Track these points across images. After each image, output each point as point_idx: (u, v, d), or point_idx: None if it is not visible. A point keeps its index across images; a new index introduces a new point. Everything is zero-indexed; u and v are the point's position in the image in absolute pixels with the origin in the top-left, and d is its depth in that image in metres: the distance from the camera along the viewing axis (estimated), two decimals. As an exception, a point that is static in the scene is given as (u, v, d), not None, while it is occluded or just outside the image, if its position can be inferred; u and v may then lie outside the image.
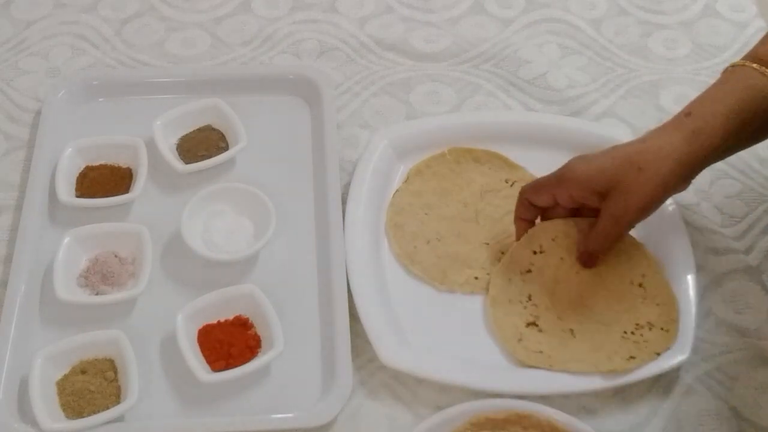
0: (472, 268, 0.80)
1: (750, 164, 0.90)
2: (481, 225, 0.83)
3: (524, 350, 0.74)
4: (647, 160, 0.70)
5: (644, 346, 0.73)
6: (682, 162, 0.70)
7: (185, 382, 0.72)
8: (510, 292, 0.77)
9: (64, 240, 0.78)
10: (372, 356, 0.74)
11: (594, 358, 0.73)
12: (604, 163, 0.72)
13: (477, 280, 0.79)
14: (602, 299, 0.76)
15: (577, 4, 1.05)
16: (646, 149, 0.71)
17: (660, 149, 0.71)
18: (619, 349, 0.73)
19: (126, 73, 0.96)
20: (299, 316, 0.77)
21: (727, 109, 0.71)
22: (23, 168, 0.87)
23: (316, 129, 0.90)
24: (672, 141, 0.71)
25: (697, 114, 0.71)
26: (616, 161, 0.72)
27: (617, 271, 0.78)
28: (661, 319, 0.75)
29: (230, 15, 1.03)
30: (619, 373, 0.72)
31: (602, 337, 0.74)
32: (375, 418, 0.72)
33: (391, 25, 1.02)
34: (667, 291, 0.77)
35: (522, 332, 0.75)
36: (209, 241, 0.80)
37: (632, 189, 0.71)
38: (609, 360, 0.73)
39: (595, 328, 0.75)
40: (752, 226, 0.85)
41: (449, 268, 0.80)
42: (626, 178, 0.71)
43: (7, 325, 0.74)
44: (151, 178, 0.84)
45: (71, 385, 0.71)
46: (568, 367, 0.73)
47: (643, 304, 0.76)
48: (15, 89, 0.94)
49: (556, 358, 0.73)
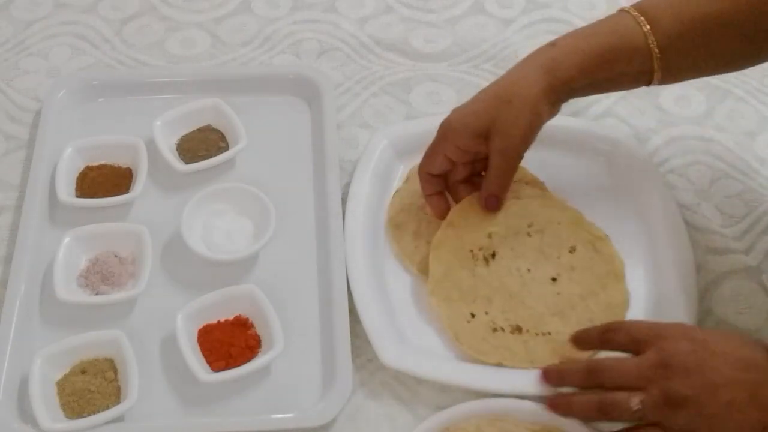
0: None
1: (750, 164, 0.90)
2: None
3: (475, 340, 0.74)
4: (513, 92, 0.74)
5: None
6: (545, 90, 0.73)
7: (185, 382, 0.72)
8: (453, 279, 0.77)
9: (64, 240, 0.78)
10: (372, 356, 0.74)
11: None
12: (476, 106, 0.75)
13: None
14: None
15: (577, 4, 1.06)
16: (511, 83, 0.75)
17: (523, 80, 0.74)
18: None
19: (126, 73, 0.96)
20: (299, 316, 0.77)
21: (589, 47, 0.73)
22: (23, 168, 0.87)
23: (316, 129, 0.90)
24: (533, 71, 0.74)
25: (561, 46, 0.75)
26: (487, 102, 0.75)
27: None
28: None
29: (230, 15, 1.03)
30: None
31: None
32: (375, 418, 0.72)
33: (390, 25, 1.02)
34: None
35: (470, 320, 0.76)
36: (209, 241, 0.80)
37: (508, 122, 0.73)
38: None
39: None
40: (752, 226, 0.85)
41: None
42: (500, 114, 0.73)
43: (7, 325, 0.74)
44: (151, 178, 0.84)
45: (71, 385, 0.71)
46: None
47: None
48: (15, 89, 0.94)
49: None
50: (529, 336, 0.74)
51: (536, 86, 0.73)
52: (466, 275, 0.77)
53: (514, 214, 0.80)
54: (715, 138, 0.92)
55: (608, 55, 0.73)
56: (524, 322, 0.75)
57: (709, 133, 0.93)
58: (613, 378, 0.66)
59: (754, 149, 0.91)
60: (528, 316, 0.75)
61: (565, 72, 0.74)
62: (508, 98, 0.74)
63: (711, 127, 0.93)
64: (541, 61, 0.74)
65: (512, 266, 0.77)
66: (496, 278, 0.77)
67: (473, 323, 0.75)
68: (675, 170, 0.89)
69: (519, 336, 0.74)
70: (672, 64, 0.74)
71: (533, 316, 0.75)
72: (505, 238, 0.78)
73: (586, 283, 0.77)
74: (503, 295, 0.76)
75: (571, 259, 0.78)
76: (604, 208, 0.84)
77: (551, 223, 0.79)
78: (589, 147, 0.88)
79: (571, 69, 0.74)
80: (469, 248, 0.78)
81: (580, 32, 0.76)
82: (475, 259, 0.77)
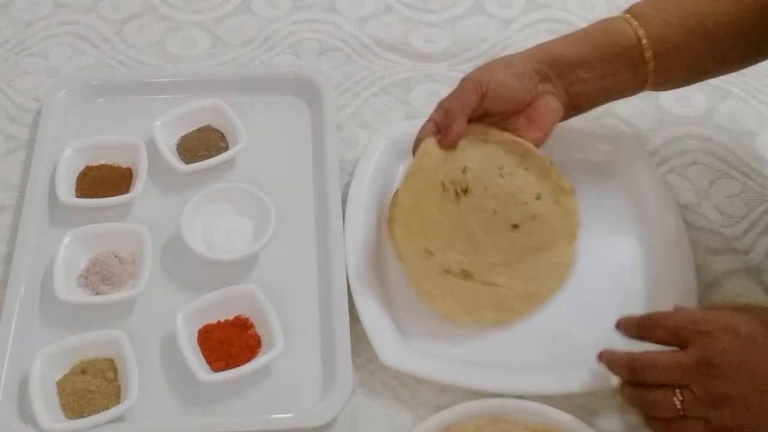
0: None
1: (750, 164, 0.90)
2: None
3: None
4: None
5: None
6: (529, 55, 0.78)
7: (185, 382, 0.72)
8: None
9: (64, 240, 0.78)
10: (372, 356, 0.74)
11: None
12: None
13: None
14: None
15: (577, 4, 1.06)
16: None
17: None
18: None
19: (126, 73, 0.96)
20: (299, 316, 0.77)
21: (577, 38, 0.78)
22: (23, 168, 0.87)
23: (316, 129, 0.90)
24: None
25: (556, 42, 0.78)
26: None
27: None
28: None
29: (230, 15, 1.03)
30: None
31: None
32: (375, 418, 0.72)
33: (390, 25, 1.02)
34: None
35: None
36: (209, 241, 0.80)
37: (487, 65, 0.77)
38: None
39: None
40: (752, 226, 0.85)
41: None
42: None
43: (7, 325, 0.74)
44: (151, 178, 0.84)
45: (71, 385, 0.71)
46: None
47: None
48: (15, 89, 0.94)
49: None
50: (475, 284, 0.74)
51: (520, 53, 0.78)
52: (432, 209, 0.75)
53: (487, 153, 0.78)
54: (715, 138, 0.92)
55: (599, 47, 0.76)
56: (474, 268, 0.74)
57: (709, 133, 0.93)
58: (654, 376, 0.65)
59: (754, 149, 0.92)
60: (480, 263, 0.75)
61: (550, 47, 0.77)
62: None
63: (711, 127, 0.93)
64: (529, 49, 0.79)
65: (480, 205, 0.77)
66: (460, 217, 0.76)
67: (429, 262, 0.74)
68: (675, 170, 0.89)
69: (466, 283, 0.74)
70: (665, 67, 0.75)
71: (485, 264, 0.75)
72: (479, 176, 0.77)
73: (541, 236, 0.77)
74: (463, 235, 0.75)
75: (535, 207, 0.78)
76: (604, 207, 0.84)
77: (519, 167, 0.79)
78: (589, 147, 0.88)
79: (556, 46, 0.78)
80: (442, 180, 0.76)
81: (571, 33, 0.79)
82: (445, 192, 0.76)
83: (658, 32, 0.75)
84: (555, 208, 0.79)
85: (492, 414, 0.70)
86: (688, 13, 0.75)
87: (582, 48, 0.77)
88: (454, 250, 0.75)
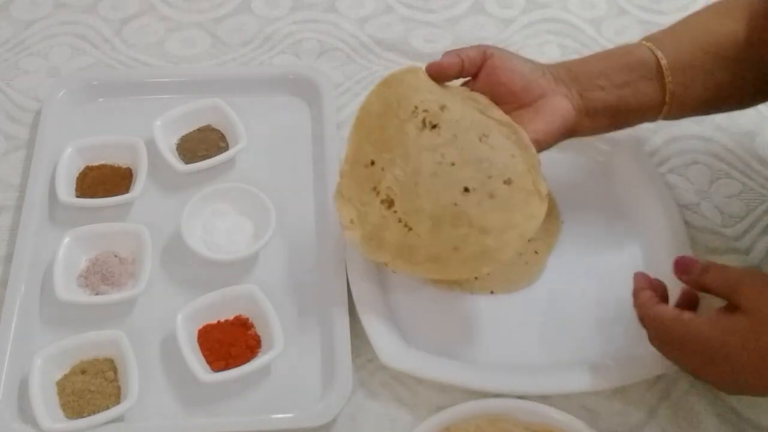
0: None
1: (750, 164, 0.90)
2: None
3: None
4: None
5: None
6: (544, 65, 0.77)
7: (185, 382, 0.72)
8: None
9: (64, 240, 0.78)
10: (372, 356, 0.74)
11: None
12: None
13: (477, 280, 0.79)
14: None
15: (577, 4, 1.06)
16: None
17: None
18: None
19: (126, 73, 0.96)
20: (299, 316, 0.77)
21: (597, 56, 0.77)
22: (23, 168, 0.87)
23: (316, 129, 0.90)
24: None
25: (579, 63, 0.77)
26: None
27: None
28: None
29: (230, 15, 1.03)
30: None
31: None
32: (375, 418, 0.72)
33: (391, 25, 1.02)
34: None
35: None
36: (209, 241, 0.80)
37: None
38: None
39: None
40: (752, 226, 0.85)
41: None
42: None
43: (7, 325, 0.74)
44: (151, 178, 0.84)
45: (71, 385, 0.71)
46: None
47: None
48: (15, 89, 0.94)
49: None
50: (391, 217, 0.70)
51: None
52: (395, 125, 0.71)
53: (476, 119, 0.72)
54: (715, 138, 0.92)
55: (616, 60, 0.75)
56: (400, 203, 0.69)
57: (709, 133, 0.93)
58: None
59: (754, 149, 0.92)
60: (409, 201, 0.69)
61: (565, 62, 0.76)
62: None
63: (711, 127, 0.93)
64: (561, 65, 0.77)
65: (439, 151, 0.70)
66: (416, 148, 0.70)
67: (368, 170, 0.71)
68: (675, 170, 0.89)
69: (386, 210, 0.70)
70: (682, 82, 0.74)
71: (413, 207, 0.69)
72: (455, 122, 0.70)
73: (488, 219, 0.68)
74: (409, 167, 0.69)
75: (498, 189, 0.69)
76: (604, 208, 0.84)
77: (504, 150, 0.70)
78: (589, 147, 0.88)
79: (572, 61, 0.76)
80: (416, 104, 0.71)
81: (595, 55, 0.78)
82: (414, 116, 0.71)
83: (674, 51, 0.74)
84: (520, 206, 0.69)
85: (492, 414, 0.70)
86: (702, 34, 0.75)
87: (599, 62, 0.76)
88: (393, 174, 0.69)
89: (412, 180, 0.69)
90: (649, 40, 0.76)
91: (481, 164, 0.69)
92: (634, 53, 0.75)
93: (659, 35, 0.77)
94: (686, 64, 0.74)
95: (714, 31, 0.75)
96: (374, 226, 0.71)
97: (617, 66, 0.75)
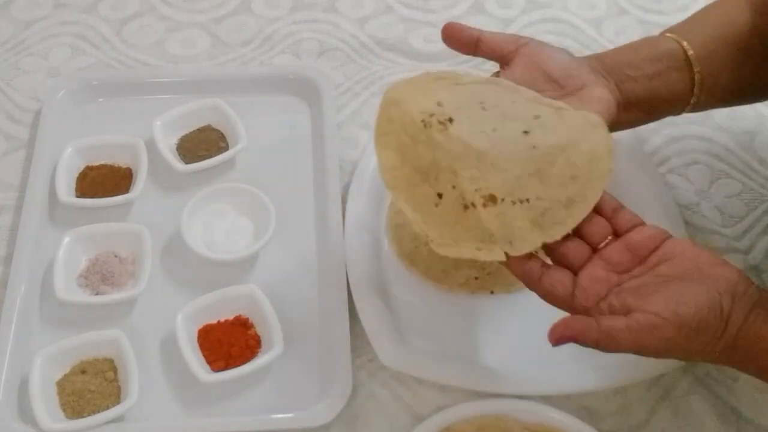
0: (472, 267, 0.80)
1: (750, 164, 0.90)
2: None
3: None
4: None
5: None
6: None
7: (185, 382, 0.72)
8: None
9: (64, 240, 0.78)
10: (372, 356, 0.74)
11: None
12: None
13: (477, 280, 0.79)
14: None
15: (577, 4, 1.06)
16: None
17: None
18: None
19: (126, 73, 0.96)
20: (299, 316, 0.77)
21: (622, 49, 0.74)
22: (23, 168, 0.87)
23: (316, 129, 0.90)
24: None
25: (608, 55, 0.74)
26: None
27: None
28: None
29: (230, 15, 1.03)
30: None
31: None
32: (375, 418, 0.72)
33: (391, 25, 1.02)
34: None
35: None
36: (209, 241, 0.80)
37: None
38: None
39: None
40: (752, 226, 0.85)
41: (449, 268, 0.80)
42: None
43: (7, 325, 0.74)
44: (151, 178, 0.84)
45: (71, 385, 0.71)
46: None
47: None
48: (15, 89, 0.94)
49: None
50: (505, 206, 0.62)
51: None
52: (423, 149, 0.64)
53: (462, 92, 0.67)
54: (715, 138, 0.92)
55: (643, 50, 0.74)
56: (498, 189, 0.62)
57: (709, 133, 0.93)
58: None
59: (754, 149, 0.92)
60: (502, 180, 0.63)
61: (598, 54, 0.74)
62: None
63: (710, 127, 0.93)
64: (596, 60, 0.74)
65: (474, 129, 0.64)
66: (458, 142, 0.64)
67: (442, 206, 0.64)
68: (675, 170, 0.89)
69: (493, 208, 0.62)
70: (709, 72, 0.73)
71: (508, 179, 0.63)
72: (458, 109, 0.65)
73: (563, 133, 0.64)
74: (470, 159, 0.63)
75: (537, 122, 0.65)
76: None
77: (504, 101, 0.67)
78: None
79: (600, 53, 0.74)
80: (420, 118, 0.65)
81: (624, 46, 0.76)
82: (428, 127, 0.64)
83: (698, 41, 0.73)
84: (562, 115, 0.66)
85: (492, 414, 0.70)
86: (723, 24, 0.75)
87: (627, 53, 0.74)
88: (466, 178, 0.63)
89: (487, 166, 0.63)
90: (671, 32, 0.75)
91: (506, 117, 0.65)
92: (660, 44, 0.74)
93: (680, 27, 0.76)
94: (712, 53, 0.73)
95: (734, 21, 0.75)
96: (502, 235, 0.63)
97: (646, 57, 0.73)
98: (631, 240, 0.63)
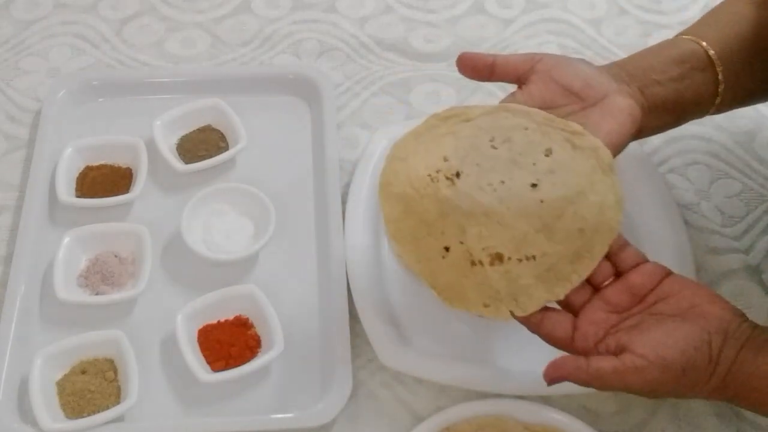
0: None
1: (750, 164, 0.90)
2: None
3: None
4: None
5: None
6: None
7: (185, 382, 0.72)
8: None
9: (64, 240, 0.78)
10: (372, 356, 0.74)
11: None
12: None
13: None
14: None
15: (577, 4, 1.06)
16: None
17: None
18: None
19: (126, 73, 0.96)
20: (299, 316, 0.77)
21: (642, 53, 0.74)
22: (23, 168, 0.87)
23: (316, 129, 0.90)
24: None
25: (630, 60, 0.74)
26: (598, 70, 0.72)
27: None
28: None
29: (230, 15, 1.03)
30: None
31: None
32: (375, 418, 0.72)
33: (391, 25, 1.02)
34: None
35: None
36: (209, 241, 0.80)
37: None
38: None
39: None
40: (752, 226, 0.85)
41: (449, 268, 0.80)
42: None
43: (7, 325, 0.74)
44: (151, 178, 0.84)
45: (71, 385, 0.71)
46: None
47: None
48: (15, 89, 0.94)
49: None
50: (511, 265, 0.63)
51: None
52: (430, 204, 0.64)
53: (471, 131, 0.67)
54: (715, 138, 0.92)
55: (665, 54, 0.73)
56: (505, 247, 0.63)
57: (709, 133, 0.93)
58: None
59: (754, 149, 0.92)
60: (509, 238, 0.63)
61: (619, 61, 0.73)
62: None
63: (710, 127, 0.93)
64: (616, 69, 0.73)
65: (482, 182, 0.64)
66: (465, 198, 0.64)
67: (449, 259, 0.64)
68: (675, 170, 0.89)
69: (500, 266, 0.63)
70: (732, 71, 0.73)
71: (515, 237, 0.63)
72: (465, 157, 0.65)
73: (572, 183, 0.64)
74: (477, 216, 0.63)
75: (548, 163, 0.65)
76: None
77: (516, 130, 0.66)
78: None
79: (621, 60, 0.73)
80: (426, 173, 0.65)
81: (643, 51, 0.75)
82: (435, 182, 0.65)
83: (717, 41, 0.73)
84: (575, 154, 0.65)
85: (492, 414, 0.70)
86: (737, 23, 0.74)
87: (649, 57, 0.73)
88: (474, 236, 0.63)
89: (495, 224, 0.64)
90: (687, 33, 0.74)
91: (516, 164, 0.65)
92: (680, 46, 0.73)
93: (694, 29, 0.75)
94: (730, 52, 0.72)
95: (746, 19, 0.74)
96: (508, 293, 0.63)
97: (669, 59, 0.72)
98: (632, 281, 0.64)
